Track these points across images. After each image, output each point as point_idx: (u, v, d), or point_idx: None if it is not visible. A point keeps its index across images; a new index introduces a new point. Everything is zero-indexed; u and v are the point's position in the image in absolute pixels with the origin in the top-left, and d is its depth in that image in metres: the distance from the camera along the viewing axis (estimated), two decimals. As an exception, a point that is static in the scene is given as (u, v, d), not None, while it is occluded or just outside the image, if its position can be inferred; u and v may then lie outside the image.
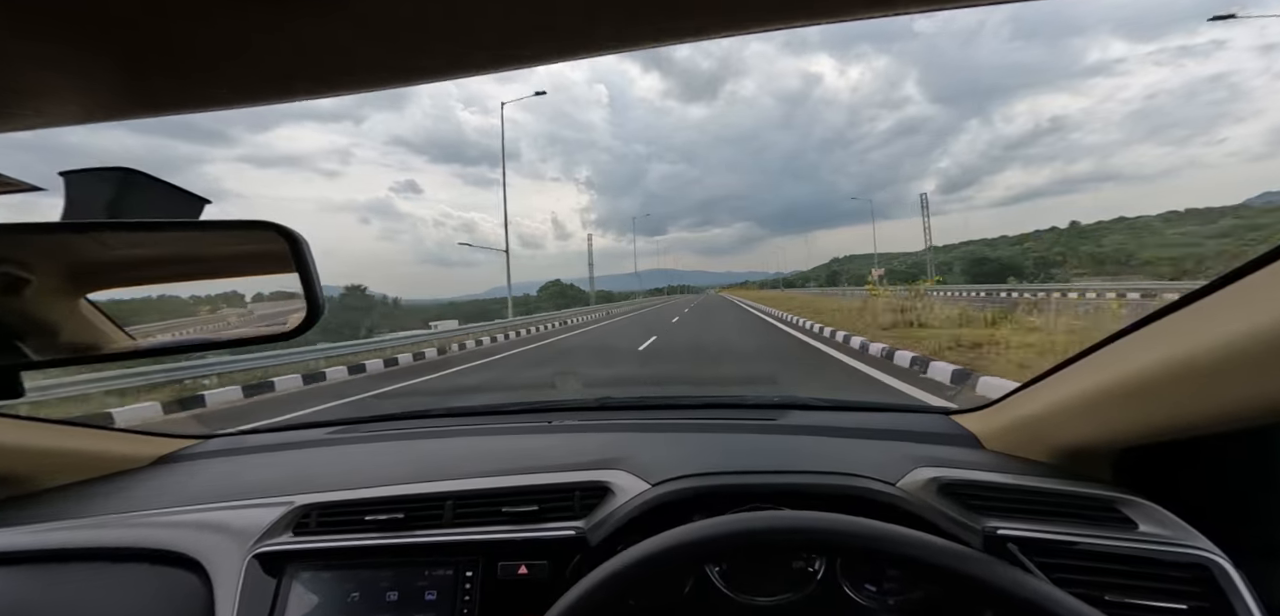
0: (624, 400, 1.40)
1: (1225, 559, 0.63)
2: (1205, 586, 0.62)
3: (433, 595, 0.76)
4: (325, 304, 0.50)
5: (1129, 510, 0.71)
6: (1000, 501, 0.75)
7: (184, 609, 0.78)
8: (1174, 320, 0.61)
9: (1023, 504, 0.74)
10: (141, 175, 0.47)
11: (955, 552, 0.49)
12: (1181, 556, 0.64)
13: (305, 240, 0.48)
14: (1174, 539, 0.66)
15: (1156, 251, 50.80)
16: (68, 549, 0.85)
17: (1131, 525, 0.69)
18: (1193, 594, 0.63)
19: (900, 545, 0.50)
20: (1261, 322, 0.49)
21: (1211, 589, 0.62)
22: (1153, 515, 0.70)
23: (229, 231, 0.50)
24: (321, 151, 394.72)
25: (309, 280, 0.50)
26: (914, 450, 0.92)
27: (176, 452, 1.19)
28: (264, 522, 0.83)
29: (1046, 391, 0.84)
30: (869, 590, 0.76)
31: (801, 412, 1.19)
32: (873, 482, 0.80)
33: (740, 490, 0.83)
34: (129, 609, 0.79)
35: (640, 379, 6.93)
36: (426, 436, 1.22)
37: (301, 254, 0.49)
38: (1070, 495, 0.74)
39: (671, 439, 1.07)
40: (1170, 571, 0.64)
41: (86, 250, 0.49)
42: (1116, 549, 0.67)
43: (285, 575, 0.78)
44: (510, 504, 0.83)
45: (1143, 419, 0.67)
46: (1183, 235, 48.85)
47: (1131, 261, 46.46)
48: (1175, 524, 0.68)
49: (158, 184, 0.48)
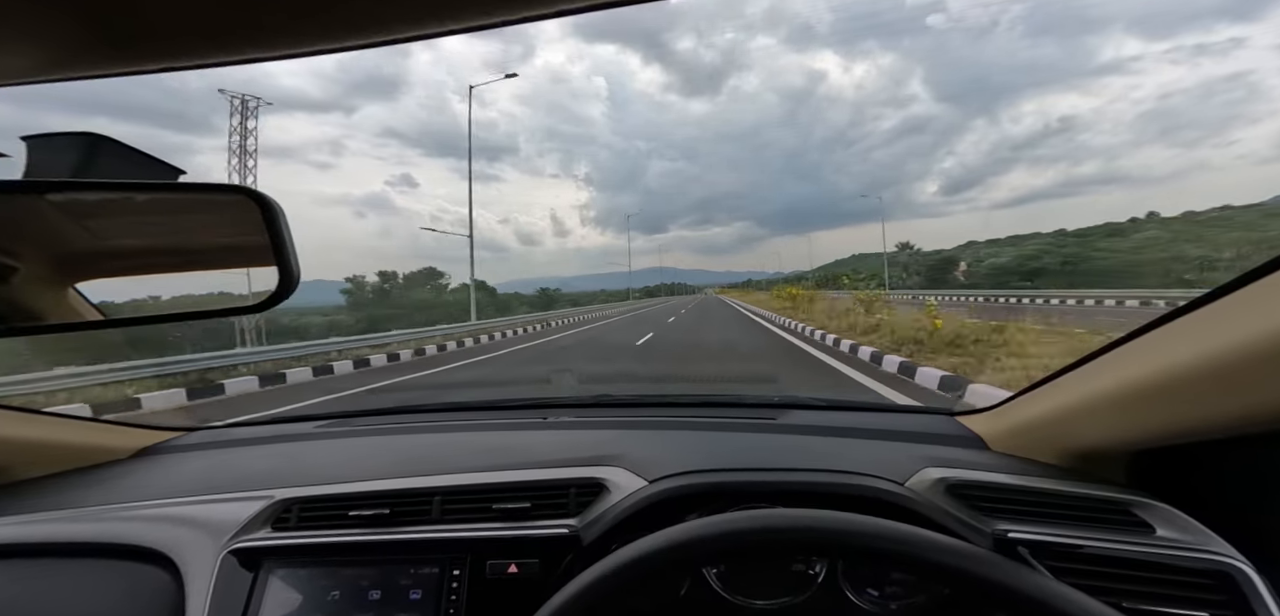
0: (622, 397, 1.39)
1: (1249, 565, 0.61)
2: (1227, 593, 0.60)
3: (417, 594, 0.73)
4: (299, 273, 0.48)
5: (1145, 514, 0.68)
6: (1010, 503, 0.73)
7: (154, 606, 0.74)
8: (1195, 319, 0.59)
9: (1033, 506, 0.72)
10: (111, 141, 0.45)
11: (969, 553, 0.46)
12: (1202, 562, 0.62)
13: (279, 206, 0.46)
14: (1194, 544, 0.64)
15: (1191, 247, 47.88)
16: (35, 543, 0.82)
17: (1149, 529, 0.67)
18: (1214, 602, 0.60)
19: (911, 545, 0.47)
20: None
21: (1234, 596, 0.60)
22: (1171, 519, 0.67)
23: (201, 195, 0.48)
24: (312, 142, 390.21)
25: (282, 248, 0.47)
26: (919, 450, 0.89)
27: (159, 445, 1.16)
28: (241, 517, 0.80)
29: (1056, 393, 0.82)
30: (871, 594, 0.74)
31: (802, 412, 1.17)
32: (880, 481, 0.78)
33: (742, 488, 0.80)
34: (96, 606, 0.76)
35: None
36: (417, 431, 1.19)
37: (275, 220, 0.46)
38: (1083, 497, 0.72)
39: (670, 436, 1.05)
40: (1190, 577, 0.62)
41: (51, 215, 0.46)
42: (1133, 553, 0.64)
43: (262, 571, 0.75)
44: (501, 500, 0.80)
45: (1165, 419, 0.64)
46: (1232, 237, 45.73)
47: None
48: (1195, 528, 0.66)
49: (129, 151, 0.45)
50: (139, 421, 1.21)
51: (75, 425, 1.10)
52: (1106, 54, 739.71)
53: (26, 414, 1.03)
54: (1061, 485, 0.75)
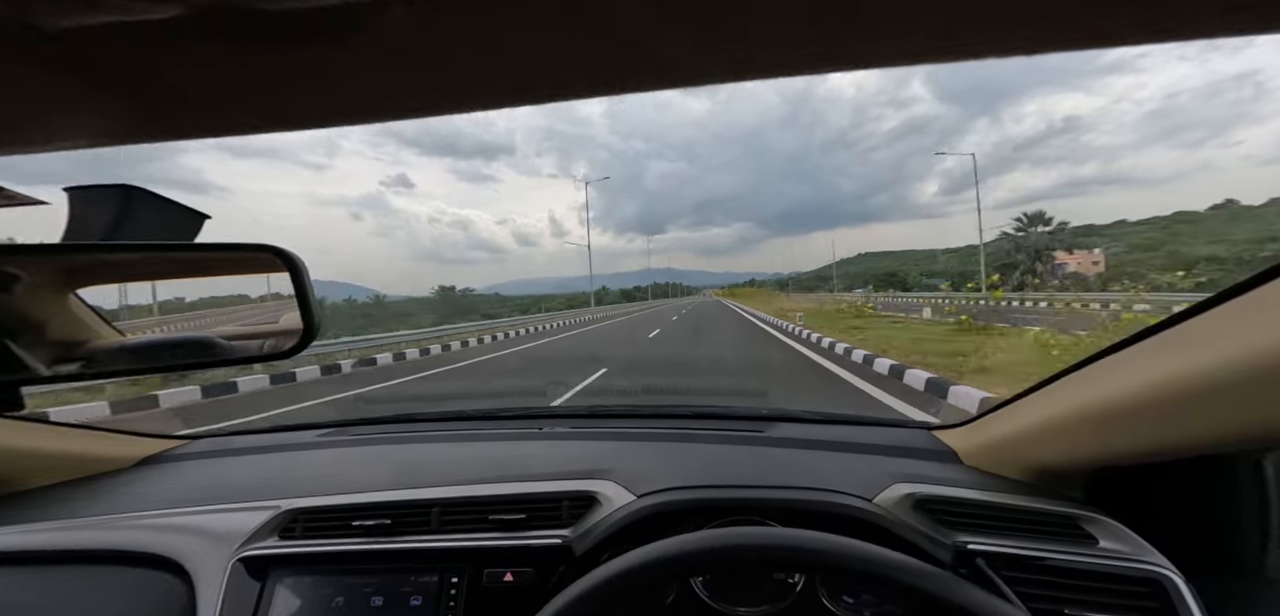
0: (615, 408, 1.41)
1: (1177, 574, 0.66)
2: (1160, 599, 0.66)
3: (418, 601, 0.77)
4: (320, 325, 0.52)
5: (1090, 527, 0.74)
6: (972, 517, 0.78)
7: (165, 613, 0.78)
8: (1147, 346, 0.64)
9: (993, 520, 0.77)
10: (143, 192, 0.49)
11: (926, 574, 0.52)
12: (1137, 571, 0.67)
13: (303, 263, 0.50)
14: (1131, 554, 0.69)
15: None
16: (47, 551, 0.84)
17: (1093, 541, 0.72)
18: (1148, 609, 0.66)
19: (874, 565, 0.53)
20: (1229, 355, 0.51)
21: (1164, 602, 0.65)
22: (1112, 532, 0.73)
23: (228, 254, 0.52)
24: (304, 143, 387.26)
25: (306, 302, 0.52)
26: (894, 465, 0.94)
27: (162, 454, 1.18)
28: (249, 526, 0.84)
29: (1024, 410, 0.87)
30: (846, 602, 0.78)
31: (788, 425, 1.20)
32: (849, 498, 0.83)
33: (723, 504, 0.85)
34: (110, 613, 0.79)
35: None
36: (416, 440, 1.23)
37: (299, 277, 0.51)
38: (1037, 511, 0.77)
39: (660, 449, 1.09)
40: (1127, 586, 0.67)
41: (89, 268, 0.50)
42: (1076, 564, 0.70)
43: (269, 579, 0.79)
44: (498, 511, 0.84)
45: (1106, 443, 0.70)
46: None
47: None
48: (1133, 540, 0.71)
49: (159, 201, 0.49)
50: (141, 430, 1.23)
51: (78, 434, 1.12)
52: (1112, 53, 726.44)
53: (29, 423, 1.04)
54: (1020, 500, 0.80)
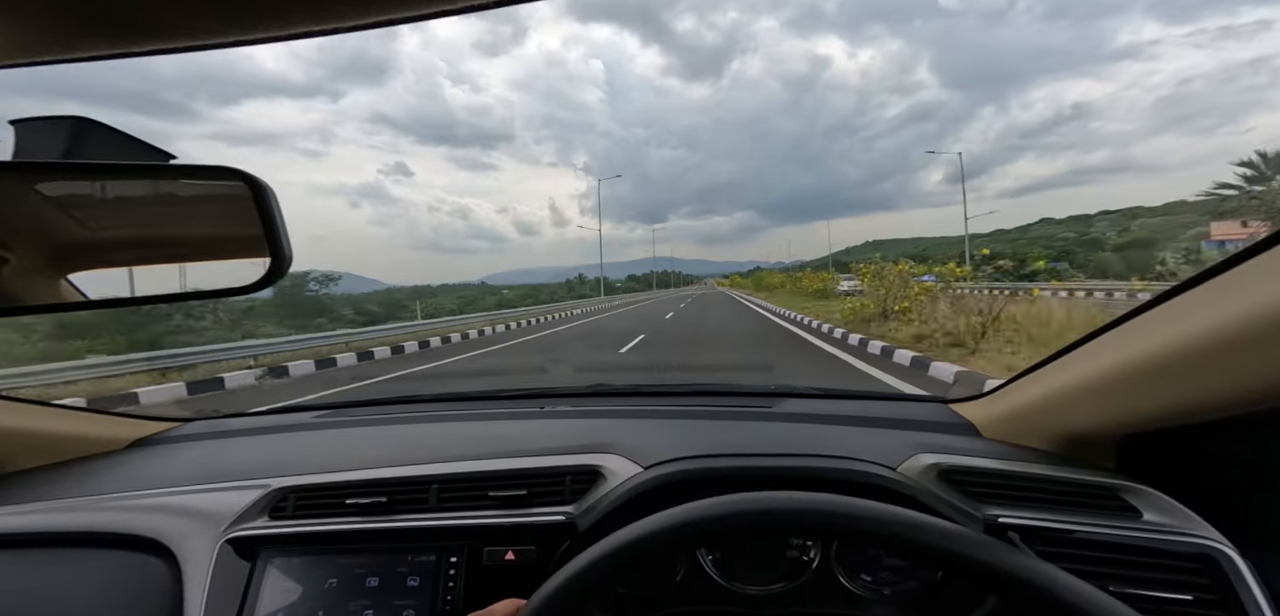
0: (618, 387, 1.41)
1: (1231, 548, 0.61)
2: (1212, 576, 0.61)
3: (415, 581, 0.74)
4: (292, 255, 0.48)
5: (1133, 498, 0.69)
6: (1001, 489, 0.73)
7: (152, 595, 0.75)
8: (1182, 302, 0.59)
9: (1024, 491, 0.72)
10: (99, 124, 0.44)
11: (960, 535, 0.47)
12: (1187, 546, 0.63)
13: (271, 188, 0.46)
14: (1179, 527, 0.64)
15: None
16: (30, 533, 0.82)
17: (1136, 513, 0.67)
18: (1199, 585, 0.61)
19: (904, 527, 0.47)
20: (1274, 300, 0.47)
21: (1218, 578, 0.60)
22: (1157, 503, 0.68)
23: (191, 177, 0.48)
24: (299, 129, 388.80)
25: (274, 229, 0.47)
26: (912, 437, 0.90)
27: (155, 436, 1.16)
28: (238, 506, 0.81)
29: (1046, 378, 0.83)
30: (864, 579, 0.74)
31: (797, 400, 1.18)
32: (873, 466, 0.78)
33: (735, 473, 0.80)
34: (93, 596, 0.76)
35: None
36: (414, 421, 1.20)
37: (266, 201, 0.46)
38: (1073, 482, 0.72)
39: (666, 425, 1.06)
40: (1175, 561, 0.63)
41: (39, 199, 0.46)
42: (1120, 538, 0.65)
43: (259, 560, 0.75)
44: (498, 488, 0.80)
45: (1154, 401, 0.64)
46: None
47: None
48: (1180, 512, 0.66)
49: (117, 134, 0.45)
50: (134, 412, 1.21)
51: (71, 415, 1.09)
52: (1123, 38, 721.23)
53: (21, 403, 1.02)
54: (1051, 470, 0.75)
